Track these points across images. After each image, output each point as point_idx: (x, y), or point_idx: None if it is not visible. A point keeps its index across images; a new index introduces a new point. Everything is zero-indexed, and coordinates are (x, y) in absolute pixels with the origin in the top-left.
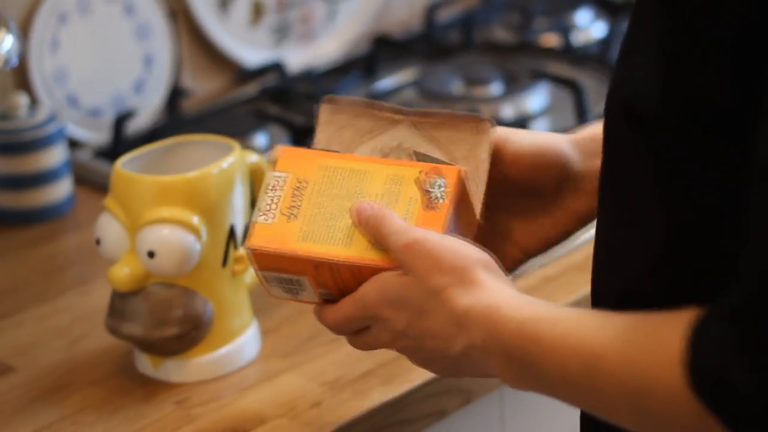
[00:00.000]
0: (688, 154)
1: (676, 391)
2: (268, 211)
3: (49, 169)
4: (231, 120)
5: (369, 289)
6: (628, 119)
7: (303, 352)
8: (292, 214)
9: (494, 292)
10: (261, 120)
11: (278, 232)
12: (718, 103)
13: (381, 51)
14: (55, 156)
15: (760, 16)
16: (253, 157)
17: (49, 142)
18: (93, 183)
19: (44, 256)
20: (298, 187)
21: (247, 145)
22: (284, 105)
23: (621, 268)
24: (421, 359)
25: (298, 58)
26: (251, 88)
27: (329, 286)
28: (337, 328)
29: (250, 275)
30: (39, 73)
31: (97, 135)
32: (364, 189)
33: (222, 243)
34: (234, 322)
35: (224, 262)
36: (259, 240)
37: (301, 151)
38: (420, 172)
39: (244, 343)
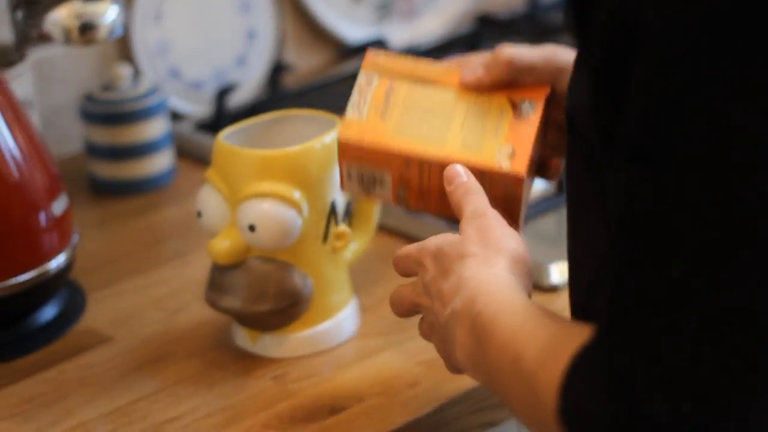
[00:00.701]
0: (609, 170)
1: (553, 416)
2: (361, 107)
3: (151, 140)
4: (332, 96)
5: (431, 237)
6: (571, 129)
7: (401, 330)
8: (385, 111)
9: (497, 275)
10: None
11: (371, 127)
12: (609, 127)
13: (484, 30)
14: (157, 128)
15: (609, 59)
16: None
17: (150, 113)
18: (194, 155)
19: (144, 227)
20: (390, 87)
21: None
22: None
23: (575, 280)
24: (428, 325)
25: (400, 35)
26: (353, 65)
27: (411, 186)
28: (396, 264)
29: (351, 252)
30: (142, 44)
31: (199, 108)
32: (457, 97)
33: (323, 218)
34: (333, 298)
35: (324, 238)
36: (352, 133)
37: (393, 56)
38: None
39: (343, 319)
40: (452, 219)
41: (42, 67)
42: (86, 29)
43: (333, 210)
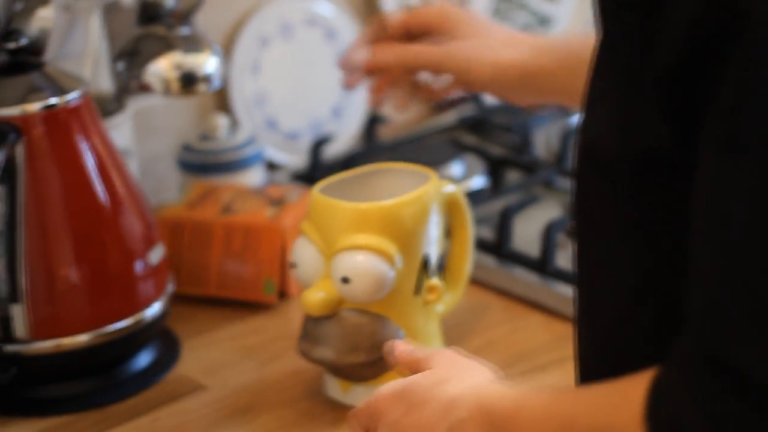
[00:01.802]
0: (645, 201)
1: None
2: None
3: None
4: (427, 148)
5: (380, 388)
6: (591, 164)
7: None
8: None
9: (491, 380)
10: (457, 150)
11: None
12: (663, 150)
13: None
14: (254, 177)
15: (687, 59)
16: (449, 187)
17: (247, 163)
18: None
19: None
20: None
21: (442, 175)
22: (481, 135)
23: (596, 315)
24: None
25: None
26: (448, 118)
27: None
28: (351, 427)
29: (442, 304)
30: (239, 95)
31: (295, 158)
32: None
33: (415, 271)
34: None
35: (417, 291)
36: None
37: None
38: None
39: None
40: None
41: (140, 116)
42: (186, 81)
43: (426, 263)
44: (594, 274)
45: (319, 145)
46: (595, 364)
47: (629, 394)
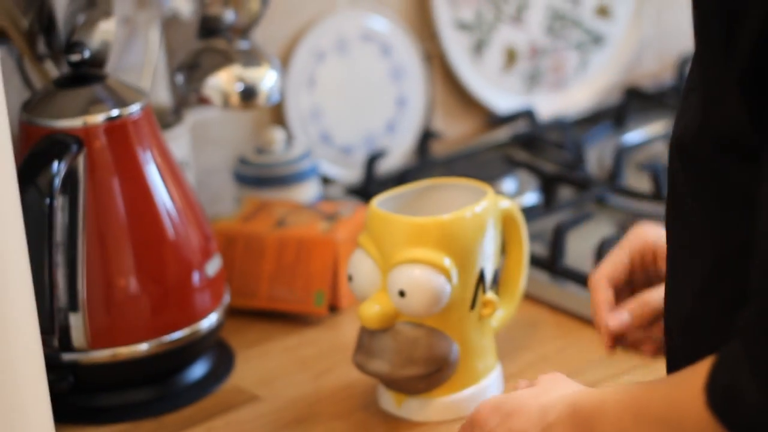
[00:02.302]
0: (724, 182)
1: (701, 416)
2: None
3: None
4: (480, 164)
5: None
6: (681, 153)
7: None
8: None
9: (576, 390)
10: (510, 166)
11: None
12: (742, 134)
13: (632, 102)
14: (309, 191)
15: (762, 54)
16: (505, 203)
17: (303, 177)
18: None
19: None
20: None
21: (495, 190)
22: (534, 152)
23: (680, 294)
24: None
25: (548, 105)
26: (501, 134)
27: None
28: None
29: (497, 319)
30: (296, 109)
31: (348, 172)
32: None
33: (471, 286)
34: (478, 364)
35: (472, 305)
36: None
37: None
38: None
39: (487, 386)
40: None
41: (197, 128)
42: (245, 94)
43: (481, 278)
44: (679, 256)
45: (373, 159)
46: (681, 340)
47: (696, 373)
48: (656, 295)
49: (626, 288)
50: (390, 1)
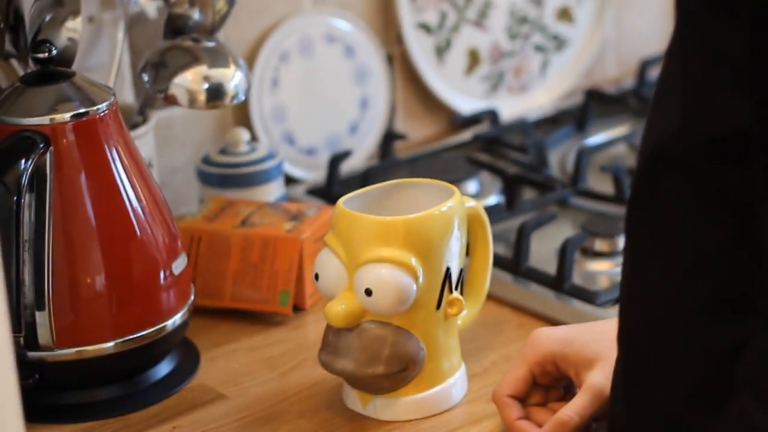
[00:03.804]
0: (714, 187)
1: None
2: None
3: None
4: (443, 165)
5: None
6: (658, 160)
7: None
8: None
9: None
10: (473, 167)
11: None
12: (743, 131)
13: (593, 105)
14: (273, 192)
15: None
16: (471, 203)
17: (267, 177)
18: None
19: None
20: None
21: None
22: (496, 153)
23: (644, 295)
24: None
25: (510, 107)
26: (464, 135)
27: None
28: None
29: (461, 318)
30: (258, 109)
31: (311, 173)
32: None
33: (437, 285)
34: (444, 364)
35: (438, 304)
36: None
37: None
38: None
39: (452, 385)
40: None
41: (160, 128)
42: (212, 94)
43: (448, 277)
44: (644, 260)
45: (336, 160)
46: (649, 346)
47: None
48: (570, 413)
49: (536, 392)
50: (354, 3)
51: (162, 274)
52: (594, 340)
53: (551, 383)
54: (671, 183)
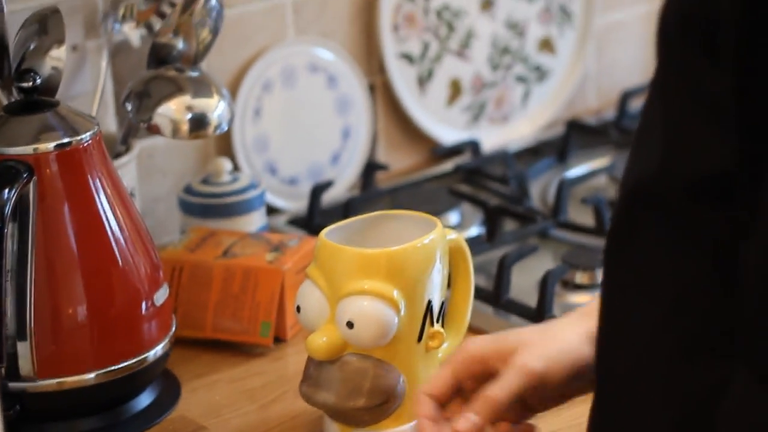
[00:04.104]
0: (696, 228)
1: None
2: None
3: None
4: (424, 196)
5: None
6: (638, 201)
7: None
8: None
9: None
10: (454, 198)
11: None
12: (726, 172)
13: (574, 136)
14: (254, 222)
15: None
16: (452, 235)
17: (249, 207)
18: None
19: None
20: None
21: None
22: (477, 184)
23: (623, 334)
24: None
25: (492, 138)
26: (445, 166)
27: None
28: None
29: (442, 351)
30: (240, 139)
31: (293, 203)
32: None
33: (419, 318)
34: None
35: (420, 337)
36: None
37: None
38: None
39: None
40: None
41: (142, 157)
42: (195, 124)
43: (429, 310)
44: (623, 298)
45: (317, 190)
46: (625, 387)
47: None
48: (497, 390)
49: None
50: (337, 33)
51: (144, 305)
52: (518, 332)
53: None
54: (651, 222)
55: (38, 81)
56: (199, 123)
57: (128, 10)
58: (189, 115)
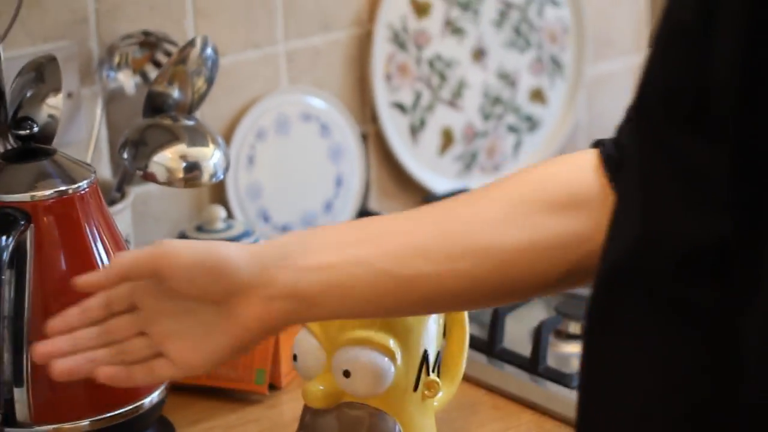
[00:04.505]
0: (682, 304)
1: None
2: None
3: None
4: None
5: None
6: (618, 275)
7: None
8: None
9: None
10: None
11: None
12: (719, 247)
13: None
14: None
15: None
16: None
17: None
18: None
19: None
20: None
21: None
22: None
23: (607, 415)
24: None
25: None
26: None
27: None
28: None
29: (437, 400)
30: (234, 186)
31: None
32: None
33: (415, 367)
34: None
35: (416, 386)
36: None
37: None
38: None
39: None
40: None
41: (137, 204)
42: (190, 172)
43: (425, 359)
44: (605, 376)
45: None
46: None
47: None
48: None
49: None
50: (330, 82)
51: None
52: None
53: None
54: (633, 301)
55: (35, 129)
56: (194, 171)
57: (123, 58)
58: (185, 164)
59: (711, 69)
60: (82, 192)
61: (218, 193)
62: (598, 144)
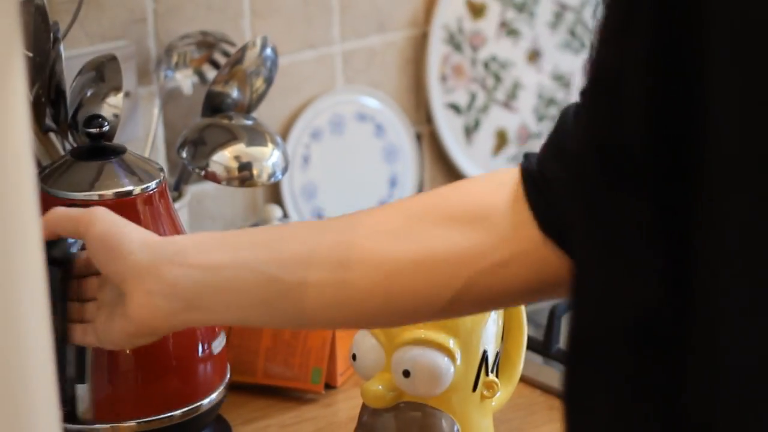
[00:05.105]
0: (637, 375)
1: None
2: None
3: None
4: None
5: None
6: (582, 345)
7: None
8: None
9: None
10: None
11: None
12: (658, 317)
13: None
14: None
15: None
16: None
17: None
18: None
19: None
20: None
21: None
22: None
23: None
24: None
25: None
26: None
27: None
28: None
29: (495, 400)
30: (289, 186)
31: None
32: None
33: (474, 367)
34: None
35: (474, 386)
36: None
37: None
38: None
39: None
40: None
41: (193, 204)
42: (249, 172)
43: (484, 360)
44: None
45: None
46: None
47: None
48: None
49: None
50: (385, 83)
51: (201, 352)
52: None
53: None
54: (595, 370)
55: (106, 127)
56: (253, 171)
57: (181, 58)
58: (243, 163)
59: (627, 125)
60: (150, 192)
61: (273, 193)
62: (524, 157)
